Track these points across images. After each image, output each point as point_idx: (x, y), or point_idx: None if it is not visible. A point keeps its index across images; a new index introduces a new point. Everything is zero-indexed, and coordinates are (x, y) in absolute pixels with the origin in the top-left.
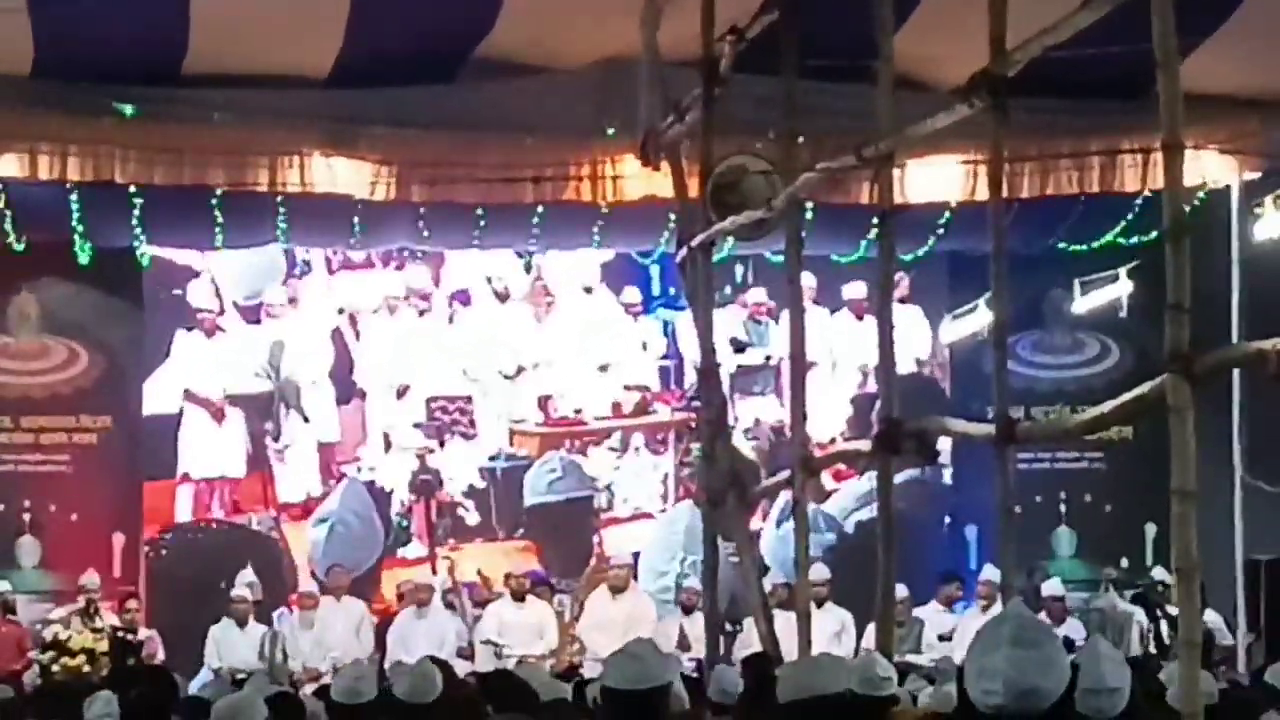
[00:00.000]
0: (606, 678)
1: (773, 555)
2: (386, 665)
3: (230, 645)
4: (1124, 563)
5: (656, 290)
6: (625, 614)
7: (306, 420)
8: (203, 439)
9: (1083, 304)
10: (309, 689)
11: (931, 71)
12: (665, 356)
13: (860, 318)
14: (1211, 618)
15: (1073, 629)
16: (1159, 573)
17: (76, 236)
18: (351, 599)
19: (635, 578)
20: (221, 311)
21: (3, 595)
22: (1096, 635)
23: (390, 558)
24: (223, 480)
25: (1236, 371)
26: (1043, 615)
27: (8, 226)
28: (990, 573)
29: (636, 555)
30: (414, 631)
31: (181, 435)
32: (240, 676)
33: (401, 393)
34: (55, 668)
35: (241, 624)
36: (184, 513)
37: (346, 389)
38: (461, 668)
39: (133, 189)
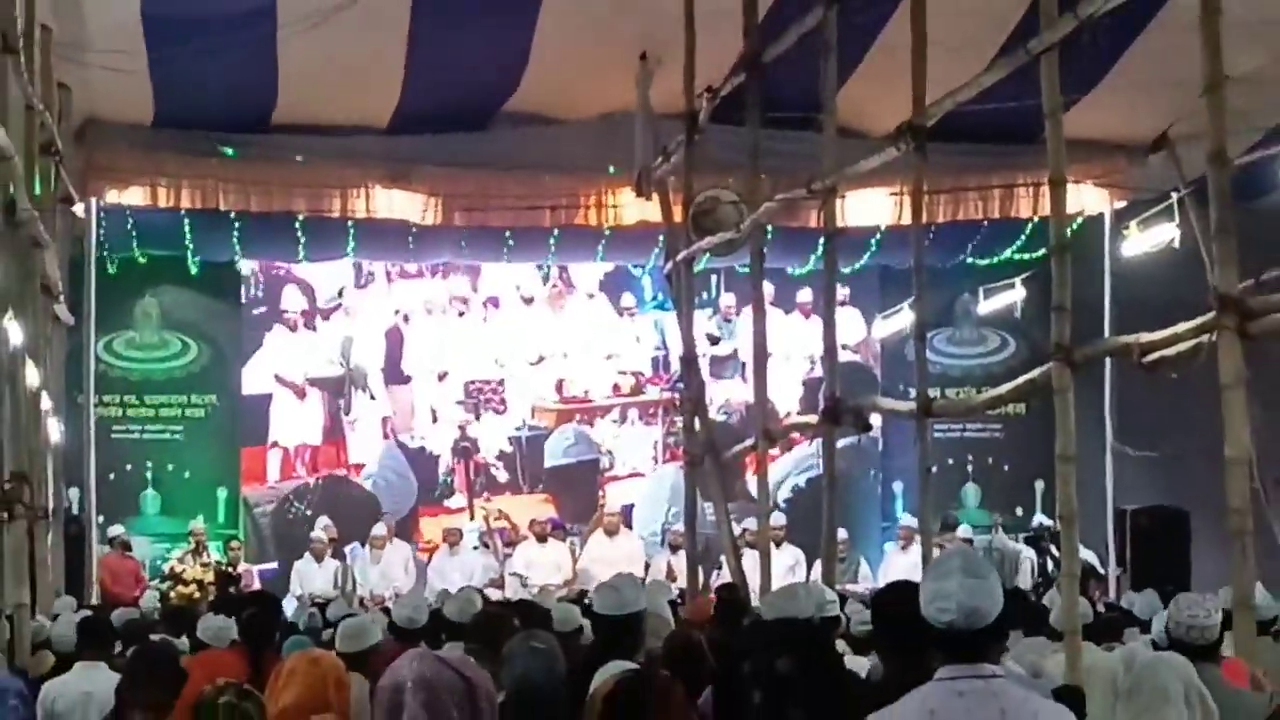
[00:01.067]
0: (594, 605)
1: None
2: (428, 594)
3: (309, 577)
4: (1018, 511)
5: (648, 296)
6: (618, 551)
7: (372, 398)
8: (289, 414)
9: (986, 306)
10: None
11: (866, 122)
12: (655, 348)
13: (808, 317)
14: (1087, 555)
15: None
16: (1046, 520)
17: (188, 252)
18: (401, 541)
19: (628, 524)
20: (305, 312)
21: (122, 536)
22: (957, 550)
23: (437, 507)
24: (304, 446)
25: (1108, 359)
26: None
27: (134, 245)
28: (910, 520)
29: (630, 506)
30: (448, 566)
31: (272, 411)
32: (319, 601)
33: (443, 377)
34: (172, 595)
35: (318, 560)
36: (274, 473)
37: (401, 374)
38: (494, 595)
39: (233, 214)
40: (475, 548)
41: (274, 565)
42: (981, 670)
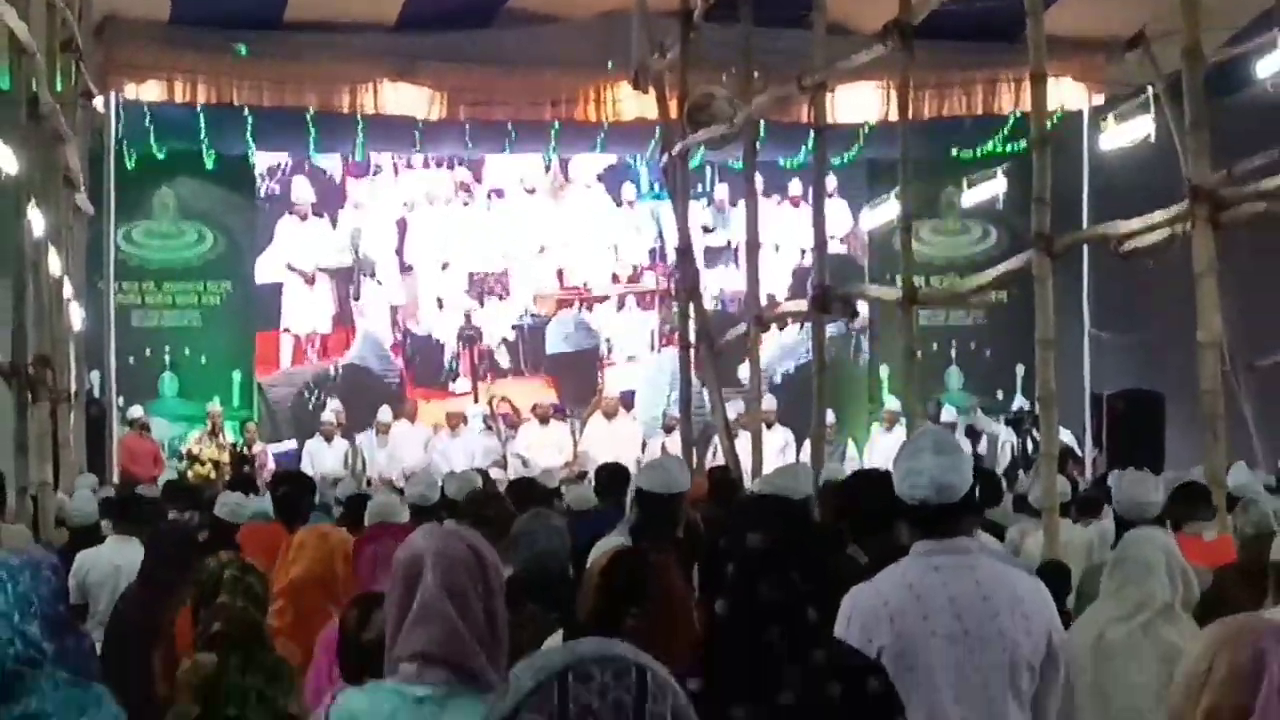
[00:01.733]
0: (640, 481)
1: None
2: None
3: (320, 456)
4: (999, 394)
5: (646, 188)
6: (616, 434)
7: (380, 285)
8: (299, 301)
9: (969, 198)
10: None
11: (855, 19)
12: (653, 239)
13: (798, 208)
14: (1066, 437)
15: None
16: (1025, 403)
17: (203, 146)
18: (421, 425)
19: (628, 407)
20: (314, 203)
21: (141, 418)
22: (928, 429)
23: (443, 391)
24: (314, 333)
25: (1086, 248)
26: None
27: (151, 138)
28: (895, 403)
29: (630, 392)
30: (451, 448)
31: (284, 298)
32: (329, 479)
33: (448, 266)
34: (189, 474)
35: (328, 440)
36: (286, 357)
37: (409, 263)
38: (497, 475)
39: (246, 109)
40: (481, 430)
41: (290, 445)
42: (957, 545)
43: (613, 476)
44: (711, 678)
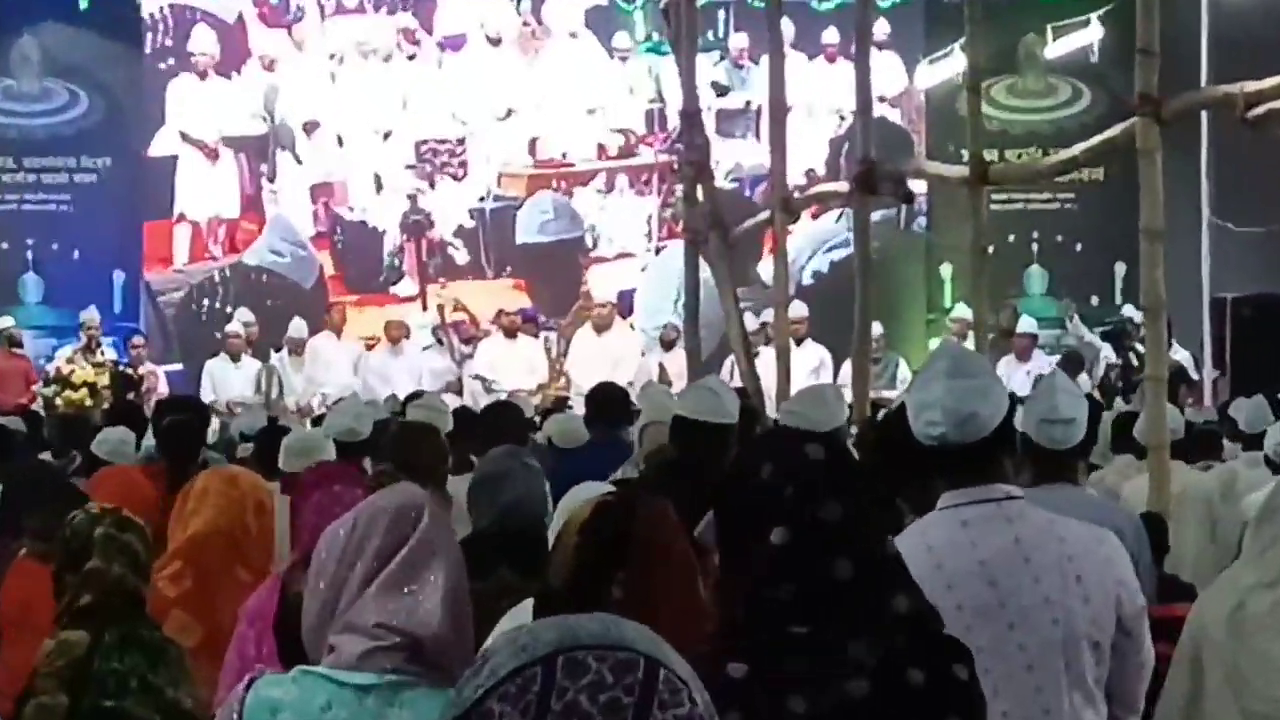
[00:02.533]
0: (682, 407)
1: None
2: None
3: (224, 380)
4: (1094, 300)
5: (642, 35)
6: (610, 350)
7: (300, 162)
8: (199, 181)
9: (1055, 48)
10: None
11: None
12: (650, 100)
13: (834, 63)
14: (1179, 354)
15: (1041, 365)
16: (1128, 310)
17: None
18: (350, 339)
19: (621, 315)
20: (217, 57)
21: (9, 330)
22: (1055, 368)
23: (382, 295)
24: (218, 220)
25: (1204, 114)
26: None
27: None
28: (963, 310)
29: (629, 293)
30: (391, 368)
31: (178, 177)
32: (237, 410)
33: (390, 136)
34: (58, 401)
35: (235, 359)
36: (182, 253)
37: (338, 132)
38: (451, 402)
39: None
40: (426, 347)
41: (180, 366)
42: (991, 492)
43: (607, 402)
44: (758, 654)
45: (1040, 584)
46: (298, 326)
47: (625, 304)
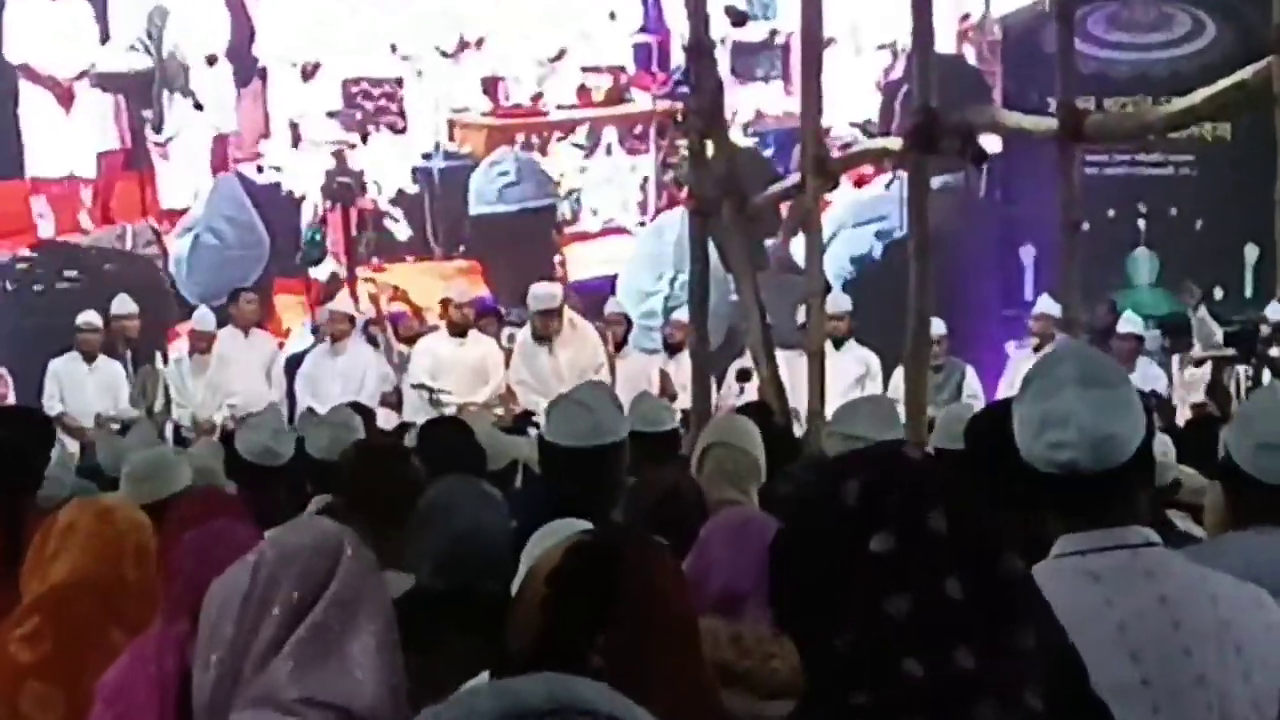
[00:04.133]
0: (547, 430)
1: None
2: (297, 412)
3: (73, 386)
4: (1217, 293)
5: None
6: (587, 351)
7: (199, 107)
8: (51, 130)
9: None
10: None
11: None
12: (643, 30)
13: None
14: None
15: (1149, 374)
16: (1274, 310)
17: None
18: (261, 333)
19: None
20: None
21: None
22: (1275, 381)
23: (298, 278)
24: (78, 181)
25: None
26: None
27: None
28: (1048, 305)
29: (609, 279)
30: (325, 370)
31: (24, 125)
32: (112, 426)
33: (311, 72)
34: None
35: (88, 358)
36: (45, 225)
37: (246, 68)
38: (386, 418)
39: None
40: (359, 342)
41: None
42: (1127, 537)
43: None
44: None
45: (1192, 657)
46: (203, 317)
47: (606, 291)
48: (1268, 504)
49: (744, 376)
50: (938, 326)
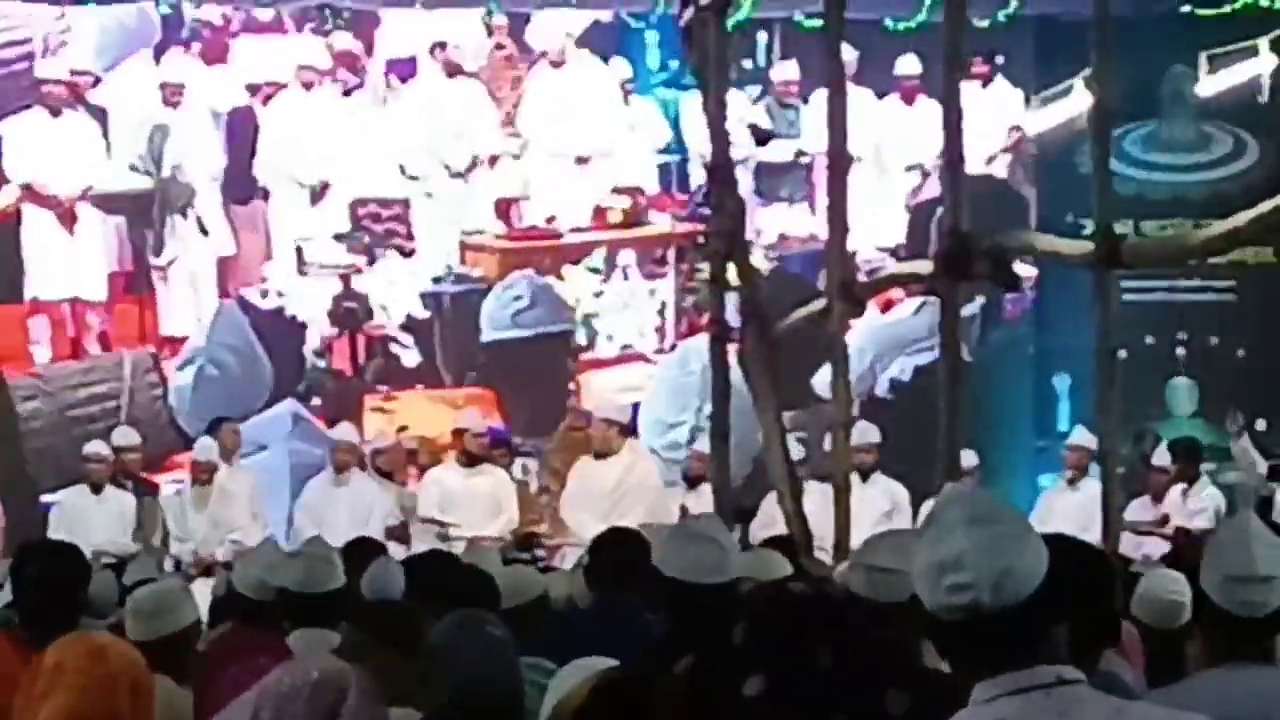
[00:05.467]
0: (665, 565)
1: None
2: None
3: (80, 520)
4: (1259, 424)
5: (654, 63)
6: (618, 481)
7: (205, 231)
8: (54, 251)
9: (1211, 85)
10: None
11: None
12: (665, 150)
13: (912, 104)
14: None
15: (1207, 494)
16: None
17: None
18: (244, 465)
19: (632, 433)
20: (74, 88)
21: None
22: (1244, 510)
23: (303, 407)
24: (83, 304)
25: None
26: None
27: None
28: (1083, 436)
29: (632, 409)
30: (330, 503)
31: (25, 246)
32: (106, 560)
33: (319, 194)
34: None
35: (96, 490)
36: (40, 351)
37: (247, 188)
38: (395, 552)
39: None
40: (366, 475)
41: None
42: (1038, 677)
43: (619, 554)
44: None
45: None
46: (205, 446)
47: (632, 422)
48: (1240, 637)
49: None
50: (969, 458)
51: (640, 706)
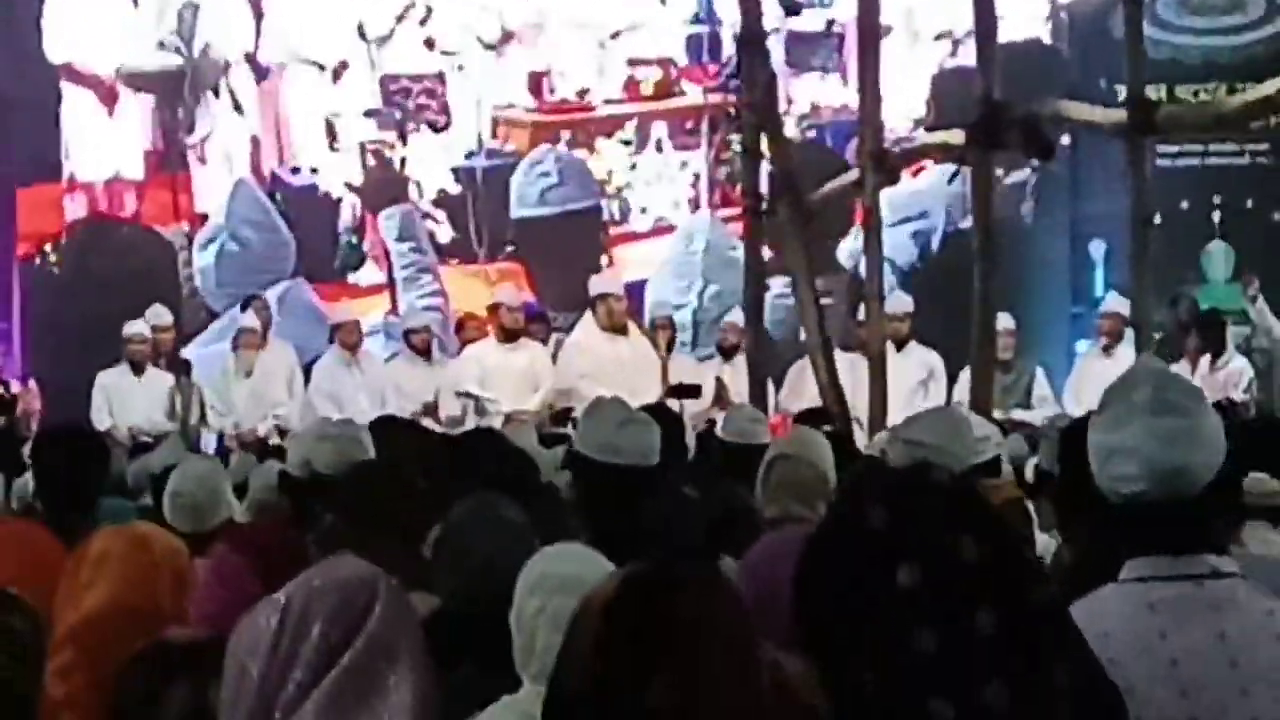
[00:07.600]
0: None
1: None
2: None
3: (123, 400)
4: None
5: None
6: (625, 357)
7: (239, 108)
8: (93, 131)
9: None
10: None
11: None
12: (695, 19)
13: None
14: None
15: (1236, 366)
16: None
17: None
18: (281, 342)
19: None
20: None
21: None
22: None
23: (336, 285)
24: (120, 183)
25: None
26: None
27: None
28: (1118, 302)
29: (638, 285)
30: (345, 383)
31: (64, 126)
32: (144, 439)
33: (343, 70)
34: None
35: (138, 370)
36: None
37: (270, 64)
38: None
39: None
40: (391, 357)
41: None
42: (1193, 566)
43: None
44: None
45: (1249, 699)
46: (249, 316)
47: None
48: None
49: (684, 393)
50: (1005, 320)
51: (672, 601)
